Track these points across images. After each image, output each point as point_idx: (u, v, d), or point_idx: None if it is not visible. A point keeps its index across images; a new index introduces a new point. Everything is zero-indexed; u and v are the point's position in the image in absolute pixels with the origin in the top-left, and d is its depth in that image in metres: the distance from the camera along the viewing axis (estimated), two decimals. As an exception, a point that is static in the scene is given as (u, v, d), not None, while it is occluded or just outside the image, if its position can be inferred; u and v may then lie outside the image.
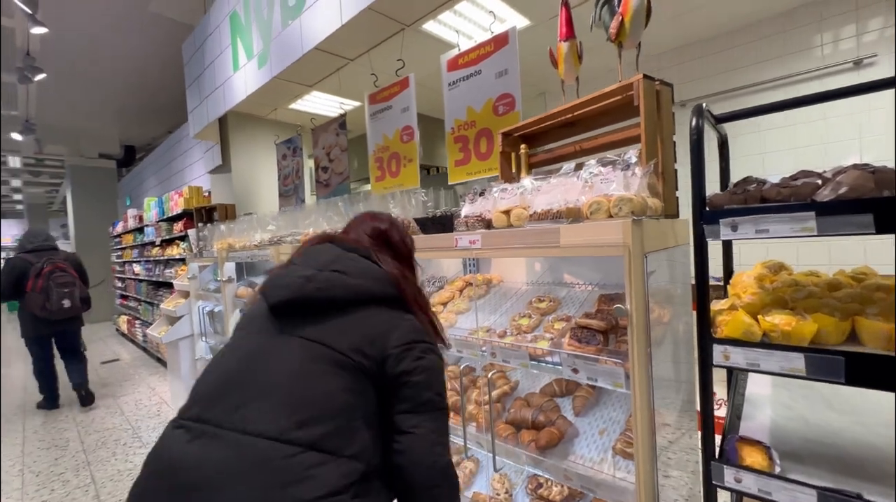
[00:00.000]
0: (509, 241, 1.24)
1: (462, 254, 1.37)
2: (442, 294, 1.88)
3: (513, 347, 1.32)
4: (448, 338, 1.10)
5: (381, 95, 2.93)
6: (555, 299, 1.57)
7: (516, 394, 1.66)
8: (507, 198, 1.32)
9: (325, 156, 3.56)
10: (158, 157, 7.33)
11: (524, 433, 1.39)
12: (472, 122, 2.42)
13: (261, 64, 3.26)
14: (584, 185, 1.16)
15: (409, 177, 2.83)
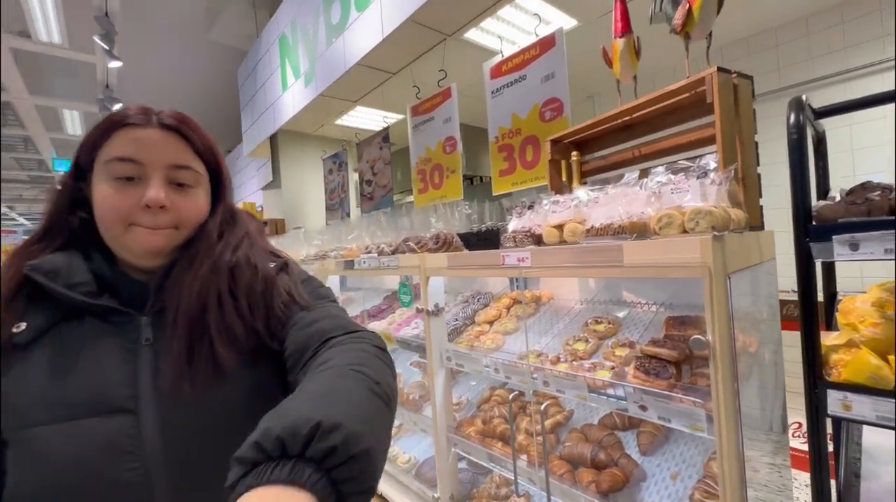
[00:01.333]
0: (563, 260, 1.12)
1: (510, 273, 1.26)
2: (488, 312, 1.77)
3: (568, 376, 1.19)
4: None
5: (423, 107, 2.90)
6: (614, 321, 1.42)
7: (571, 425, 1.52)
8: (560, 212, 1.20)
9: (370, 169, 3.58)
10: (218, 175, 7.82)
11: (582, 472, 1.25)
12: (516, 130, 2.31)
13: (307, 82, 3.35)
14: (650, 196, 1.02)
15: (452, 189, 2.76)
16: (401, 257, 1.76)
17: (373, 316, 2.33)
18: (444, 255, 1.52)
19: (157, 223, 0.59)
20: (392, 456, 2.08)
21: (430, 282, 1.62)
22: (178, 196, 0.61)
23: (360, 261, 2.01)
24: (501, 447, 1.47)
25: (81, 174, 0.61)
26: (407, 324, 2.05)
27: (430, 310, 1.60)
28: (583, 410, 1.59)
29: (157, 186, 0.59)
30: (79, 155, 0.62)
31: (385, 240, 2.16)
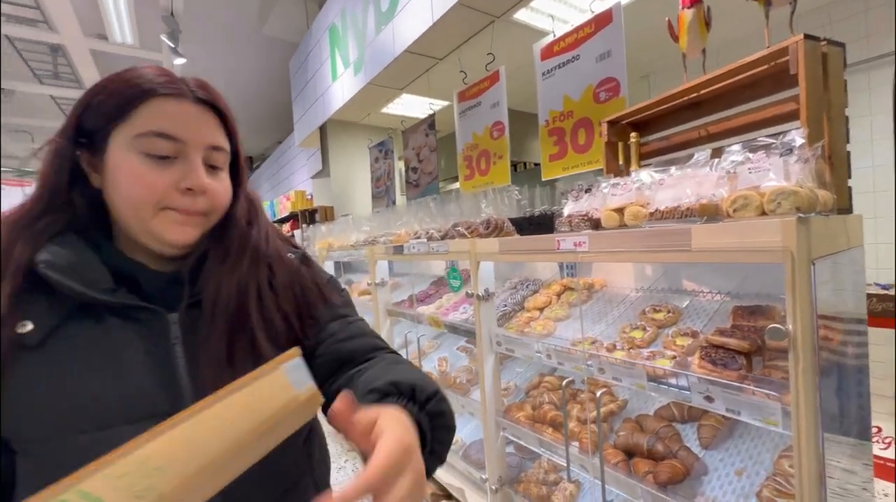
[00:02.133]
0: (623, 244, 1.08)
1: (565, 259, 1.24)
2: (538, 298, 1.76)
3: (626, 364, 1.16)
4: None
5: (470, 92, 2.87)
6: (674, 309, 1.36)
7: (624, 414, 1.48)
8: (620, 195, 1.16)
9: (415, 156, 3.62)
10: (270, 165, 8.19)
11: (638, 462, 1.22)
12: (568, 113, 2.24)
13: (356, 71, 3.41)
14: (723, 177, 0.96)
15: (500, 175, 2.73)
16: (450, 242, 1.77)
17: (420, 300, 2.37)
18: (495, 240, 1.51)
19: (193, 208, 0.53)
20: (439, 436, 2.13)
21: (481, 267, 1.62)
22: (213, 180, 0.55)
23: (410, 246, 2.05)
24: (552, 433, 1.47)
25: (86, 142, 0.53)
26: (455, 308, 2.07)
27: (480, 295, 1.60)
28: (636, 400, 1.55)
29: (201, 168, 0.53)
30: (85, 118, 0.52)
31: (433, 225, 2.18)
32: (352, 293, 3.09)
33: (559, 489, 1.55)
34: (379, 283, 2.47)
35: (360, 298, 2.92)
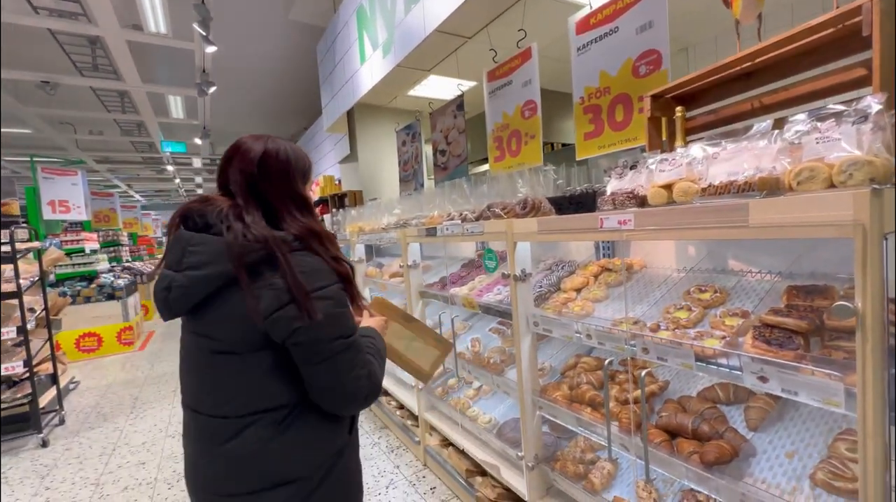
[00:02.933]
0: (672, 221, 1.05)
1: (609, 237, 1.21)
2: (574, 279, 1.74)
3: (672, 344, 1.14)
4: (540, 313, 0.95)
5: (501, 70, 2.81)
6: (721, 290, 1.32)
7: (666, 396, 1.46)
8: (669, 170, 1.12)
9: (443, 138, 3.59)
10: (297, 152, 8.31)
11: (682, 442, 1.21)
12: (605, 89, 2.16)
13: (385, 52, 3.39)
14: (784, 148, 0.91)
15: (531, 155, 2.69)
16: (486, 223, 1.76)
17: (453, 282, 2.39)
18: (533, 220, 1.50)
19: None
20: (472, 415, 2.17)
21: (518, 248, 1.61)
22: None
23: (443, 227, 2.05)
24: (591, 412, 1.47)
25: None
26: (489, 290, 2.07)
27: (517, 276, 1.60)
28: (677, 382, 1.53)
29: None
30: (305, 178, 0.97)
31: (466, 207, 2.17)
32: (382, 275, 3.14)
33: (597, 467, 1.55)
34: (411, 266, 2.50)
35: (392, 280, 2.96)
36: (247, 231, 0.81)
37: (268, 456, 0.83)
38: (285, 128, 10.00)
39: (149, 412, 3.67)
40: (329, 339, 0.81)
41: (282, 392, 0.84)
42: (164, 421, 3.45)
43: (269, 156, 0.89)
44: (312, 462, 0.87)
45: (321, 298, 0.81)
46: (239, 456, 0.83)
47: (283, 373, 0.84)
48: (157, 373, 4.77)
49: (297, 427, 0.85)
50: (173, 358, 5.37)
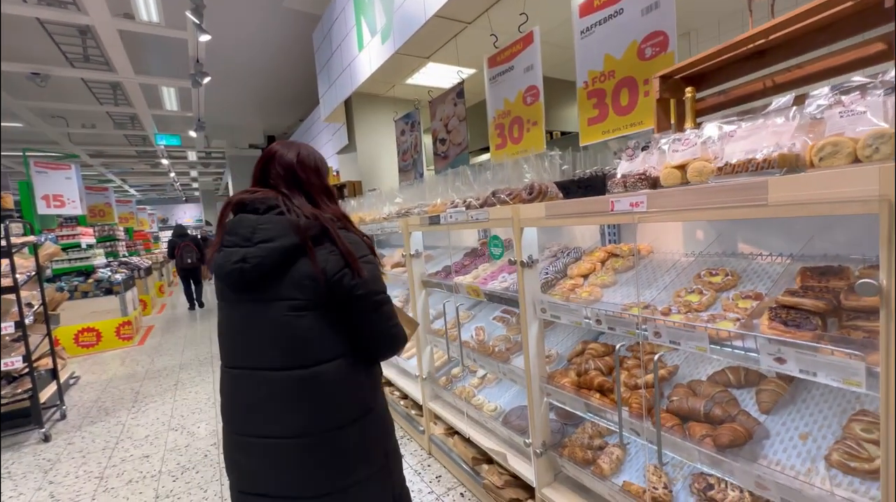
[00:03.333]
0: (686, 202, 1.03)
1: (620, 220, 1.19)
2: (581, 265, 1.72)
3: (686, 327, 1.12)
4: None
5: (502, 56, 2.76)
6: (732, 273, 1.31)
7: (675, 380, 1.46)
8: (683, 150, 1.09)
9: (443, 127, 3.55)
10: (294, 143, 8.23)
11: (694, 426, 1.20)
12: (610, 73, 2.13)
13: (384, 38, 3.32)
14: (805, 124, 0.89)
15: (534, 142, 2.65)
16: (491, 210, 1.74)
17: (456, 271, 2.37)
18: (540, 205, 1.47)
19: None
20: (477, 404, 2.17)
21: (524, 234, 1.59)
22: None
23: (447, 215, 2.03)
24: (600, 398, 1.46)
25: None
26: (493, 278, 2.06)
27: (524, 262, 1.58)
28: (686, 366, 1.52)
29: None
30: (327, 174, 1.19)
31: (470, 194, 2.15)
32: (384, 266, 3.12)
33: (605, 453, 1.55)
34: (414, 255, 2.48)
35: (394, 271, 2.94)
36: (302, 212, 1.02)
37: (343, 396, 1.03)
38: (281, 120, 9.90)
39: (150, 406, 3.66)
40: (375, 293, 1.04)
41: (341, 342, 1.03)
42: (166, 415, 3.44)
43: (304, 157, 1.12)
44: (366, 400, 1.08)
45: (366, 262, 1.04)
46: (320, 399, 1.00)
47: (339, 328, 1.03)
48: (157, 368, 4.75)
49: (354, 370, 1.05)
50: (173, 352, 5.36)
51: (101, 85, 6.49)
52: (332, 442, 1.01)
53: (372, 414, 1.09)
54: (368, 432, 1.07)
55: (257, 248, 0.98)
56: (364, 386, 1.08)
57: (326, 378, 1.00)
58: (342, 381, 1.02)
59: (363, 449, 1.06)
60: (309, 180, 1.10)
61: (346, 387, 1.03)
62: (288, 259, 0.99)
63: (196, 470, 2.57)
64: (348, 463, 1.03)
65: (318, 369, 1.00)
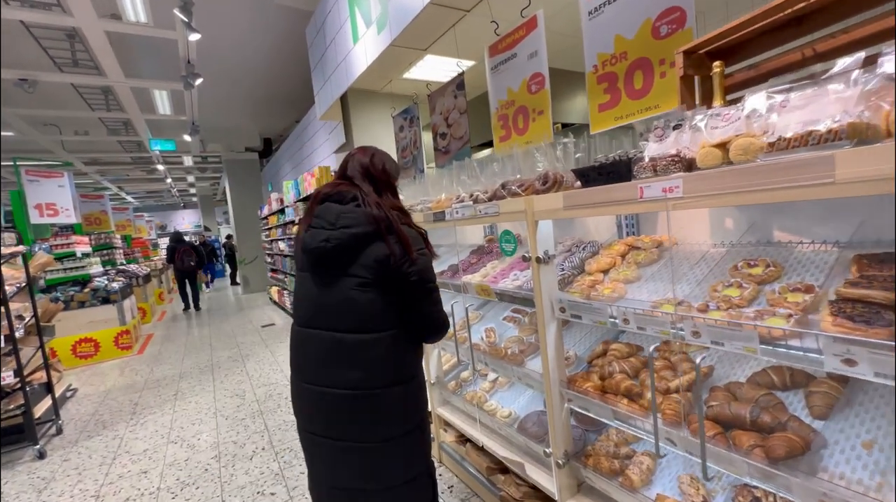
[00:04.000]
0: (731, 184, 0.90)
1: (651, 208, 1.07)
2: (600, 260, 1.60)
3: (731, 325, 1.00)
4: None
5: (504, 43, 2.64)
6: (774, 263, 1.18)
7: (710, 383, 1.33)
8: (723, 126, 0.97)
9: (444, 121, 3.42)
10: (290, 145, 8.11)
11: (740, 435, 1.08)
12: (621, 54, 2.00)
13: (380, 28, 3.19)
14: (875, 88, 0.76)
15: (540, 132, 2.52)
16: (501, 203, 1.62)
17: (464, 270, 2.25)
18: (558, 195, 1.35)
19: None
20: (490, 410, 2.05)
21: (539, 227, 1.47)
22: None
23: (453, 211, 1.90)
24: (628, 404, 1.34)
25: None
26: (504, 275, 1.93)
27: (540, 258, 1.46)
28: (721, 367, 1.40)
29: None
30: (395, 177, 1.41)
31: (476, 188, 2.03)
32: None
33: (634, 463, 1.43)
34: (418, 254, 2.35)
35: (397, 271, 2.82)
36: (377, 207, 1.21)
37: (394, 361, 1.22)
38: (277, 122, 9.77)
39: (149, 418, 3.55)
40: (427, 280, 1.23)
41: (394, 317, 1.21)
42: (165, 427, 3.33)
43: (375, 157, 1.33)
44: (410, 369, 1.27)
45: (421, 254, 1.23)
46: (374, 361, 1.20)
47: (395, 306, 1.21)
48: (156, 377, 4.64)
49: (403, 342, 1.24)
50: (173, 360, 5.24)
51: (91, 90, 6.37)
52: (379, 398, 1.20)
53: (415, 380, 1.28)
54: (410, 396, 1.25)
55: (339, 232, 1.18)
56: (411, 356, 1.27)
57: (381, 344, 1.19)
58: (393, 349, 1.21)
59: (403, 410, 1.24)
60: (377, 176, 1.30)
61: (396, 354, 1.22)
62: (360, 243, 1.18)
63: (196, 486, 2.45)
64: (390, 419, 1.22)
65: (376, 336, 1.19)
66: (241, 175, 11.15)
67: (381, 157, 1.35)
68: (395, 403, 1.22)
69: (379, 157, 1.34)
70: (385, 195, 1.29)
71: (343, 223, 1.19)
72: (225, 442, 2.98)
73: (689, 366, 1.36)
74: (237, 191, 11.17)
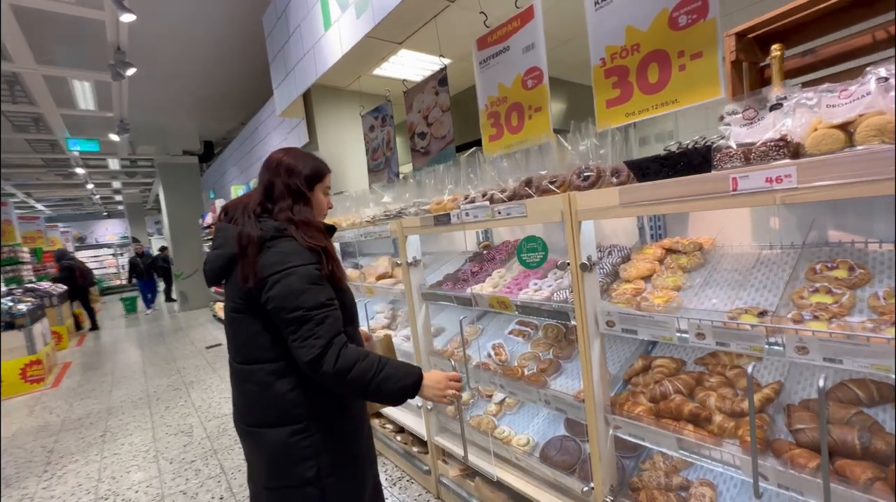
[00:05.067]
0: (867, 170, 0.75)
1: (748, 203, 0.90)
2: (638, 266, 1.43)
3: (858, 340, 0.84)
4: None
5: (495, 36, 2.46)
6: (860, 265, 1.06)
7: (780, 402, 1.19)
8: (845, 104, 0.82)
9: (423, 120, 3.18)
10: (238, 148, 7.45)
11: (851, 466, 0.93)
12: (633, 47, 1.88)
13: (359, 12, 2.90)
14: None
15: (538, 130, 2.35)
16: (529, 202, 1.40)
17: (464, 280, 2.00)
18: (611, 191, 1.16)
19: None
20: (504, 437, 1.81)
21: (583, 228, 1.27)
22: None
23: (461, 213, 1.67)
24: (695, 430, 1.16)
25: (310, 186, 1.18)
26: (520, 285, 1.72)
27: (584, 264, 1.26)
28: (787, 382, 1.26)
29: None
30: (312, 179, 1.18)
31: (481, 187, 1.80)
32: (365, 278, 2.68)
33: (694, 496, 1.25)
34: (411, 263, 2.08)
35: (379, 284, 2.52)
36: (250, 223, 1.08)
37: (266, 399, 1.08)
38: (220, 124, 8.99)
39: (69, 468, 2.92)
40: (288, 308, 1.01)
41: (270, 348, 1.07)
42: (91, 479, 2.73)
43: (276, 158, 1.17)
44: (300, 409, 1.08)
45: (284, 274, 1.02)
46: (249, 395, 1.11)
47: (270, 334, 1.07)
48: (77, 415, 3.91)
49: (291, 377, 1.08)
50: (98, 393, 4.49)
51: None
52: (257, 437, 1.10)
53: (312, 424, 1.09)
54: (297, 443, 1.07)
55: (214, 254, 1.12)
56: (302, 395, 1.08)
57: (254, 377, 1.08)
58: (271, 384, 1.07)
59: (284, 456, 1.08)
60: (271, 182, 1.14)
61: (274, 390, 1.07)
62: (229, 265, 1.09)
63: (137, 557, 1.98)
64: (268, 465, 1.10)
65: (251, 368, 1.09)
66: (178, 181, 10.13)
67: (284, 157, 1.16)
68: (274, 448, 1.08)
69: (282, 158, 1.16)
70: (280, 205, 1.12)
71: (218, 243, 1.12)
72: (171, 493, 2.48)
73: (756, 384, 1.21)
74: (173, 198, 10.12)
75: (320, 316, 1.01)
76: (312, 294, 1.02)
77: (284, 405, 1.07)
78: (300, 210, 1.13)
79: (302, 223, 1.10)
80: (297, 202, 1.14)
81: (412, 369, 1.10)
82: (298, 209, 1.13)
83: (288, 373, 1.07)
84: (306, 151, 1.21)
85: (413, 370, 1.10)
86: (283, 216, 1.10)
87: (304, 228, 1.09)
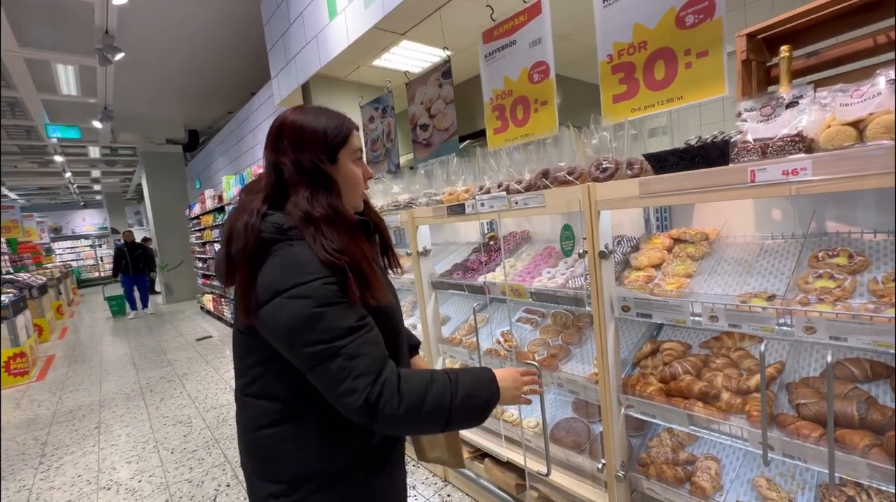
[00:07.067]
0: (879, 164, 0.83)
1: (764, 193, 0.97)
2: (649, 254, 1.50)
3: (863, 320, 0.93)
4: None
5: (501, 30, 2.49)
6: (859, 253, 1.15)
7: (782, 380, 1.28)
8: (857, 103, 0.90)
9: (425, 111, 3.20)
10: (226, 137, 7.31)
11: (850, 435, 1.02)
12: (640, 44, 1.94)
13: (367, 2, 2.89)
14: None
15: (543, 124, 2.40)
16: (548, 193, 1.46)
17: (474, 268, 2.06)
18: (631, 182, 1.22)
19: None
20: (513, 420, 1.88)
21: (601, 218, 1.33)
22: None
23: (477, 203, 1.71)
24: (705, 407, 1.24)
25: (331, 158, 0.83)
26: (532, 273, 1.78)
27: (603, 251, 1.32)
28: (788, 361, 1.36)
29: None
30: (332, 145, 0.82)
31: (496, 179, 1.85)
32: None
33: (700, 468, 1.34)
34: (421, 253, 2.12)
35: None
36: (252, 213, 0.79)
37: (260, 444, 0.83)
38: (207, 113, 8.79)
39: (67, 459, 2.88)
40: (303, 344, 0.72)
41: (274, 382, 0.81)
42: (91, 470, 2.71)
43: (281, 123, 0.84)
44: (306, 460, 0.81)
45: (292, 298, 0.72)
46: (242, 434, 0.88)
47: (279, 363, 0.79)
48: (68, 408, 3.85)
49: (288, 424, 0.81)
50: (86, 385, 4.41)
51: (-32, 60, 5.17)
52: (250, 484, 0.89)
53: (305, 485, 0.81)
54: None
55: (219, 252, 0.88)
56: (309, 444, 0.81)
57: (253, 416, 0.84)
58: (271, 428, 0.82)
59: None
60: (275, 165, 0.82)
61: (265, 435, 0.82)
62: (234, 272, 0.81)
63: (149, 543, 1.99)
64: None
65: (246, 400, 0.85)
66: (162, 170, 9.88)
67: (300, 116, 0.82)
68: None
69: (297, 116, 0.82)
70: (298, 192, 0.79)
71: (223, 239, 0.83)
72: (176, 481, 2.49)
73: (753, 363, 1.30)
74: (157, 188, 9.87)
75: (351, 345, 0.71)
76: (332, 318, 0.71)
77: (295, 454, 0.82)
78: (321, 200, 0.78)
79: (323, 219, 0.77)
80: (316, 189, 0.79)
81: (482, 372, 0.84)
82: (319, 200, 0.78)
83: (307, 412, 0.81)
84: (321, 107, 0.85)
85: (483, 374, 0.84)
86: (298, 214, 0.77)
87: (325, 228, 0.76)
